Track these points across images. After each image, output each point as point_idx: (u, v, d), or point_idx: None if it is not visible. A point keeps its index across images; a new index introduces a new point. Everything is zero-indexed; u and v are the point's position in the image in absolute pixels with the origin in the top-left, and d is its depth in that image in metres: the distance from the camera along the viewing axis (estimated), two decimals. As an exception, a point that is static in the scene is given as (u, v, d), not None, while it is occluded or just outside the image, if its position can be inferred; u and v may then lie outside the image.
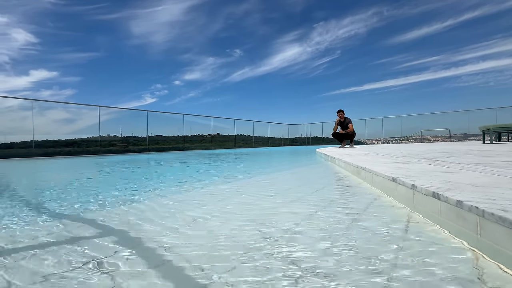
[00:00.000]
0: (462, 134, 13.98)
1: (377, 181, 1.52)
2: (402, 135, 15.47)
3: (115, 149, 10.02)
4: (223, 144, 14.65)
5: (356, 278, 0.56)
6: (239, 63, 34.46)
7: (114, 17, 27.63)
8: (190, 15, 29.47)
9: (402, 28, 28.55)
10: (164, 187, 1.95)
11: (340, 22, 30.18)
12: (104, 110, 9.52)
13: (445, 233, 0.78)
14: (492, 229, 0.61)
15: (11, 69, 28.53)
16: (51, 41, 28.89)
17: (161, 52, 33.41)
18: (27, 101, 7.74)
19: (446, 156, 2.51)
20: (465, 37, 27.94)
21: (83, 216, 1.14)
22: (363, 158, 2.67)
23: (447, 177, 1.16)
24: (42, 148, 8.20)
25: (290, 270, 0.60)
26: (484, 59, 26.05)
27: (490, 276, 0.54)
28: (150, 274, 0.60)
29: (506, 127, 5.74)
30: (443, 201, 0.81)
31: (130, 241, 0.82)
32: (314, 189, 1.65)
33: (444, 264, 0.60)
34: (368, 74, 34.96)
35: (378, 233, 0.82)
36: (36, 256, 0.72)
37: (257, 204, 1.30)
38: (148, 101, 34.99)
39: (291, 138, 19.83)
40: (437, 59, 27.93)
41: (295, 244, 0.76)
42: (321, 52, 31.54)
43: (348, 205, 1.20)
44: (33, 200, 1.57)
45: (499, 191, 0.84)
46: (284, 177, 2.48)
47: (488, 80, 27.59)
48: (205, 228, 0.94)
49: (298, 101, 37.24)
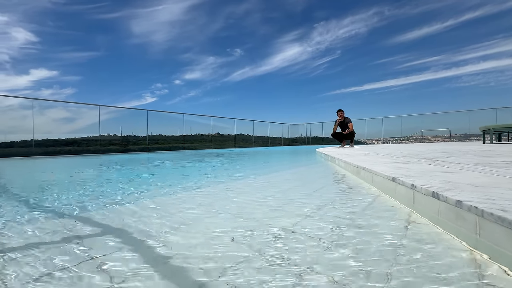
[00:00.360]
0: (463, 134, 13.98)
1: (377, 181, 1.52)
2: (403, 135, 15.48)
3: (115, 148, 10.03)
4: (223, 144, 14.66)
5: (354, 278, 0.56)
6: (239, 63, 34.48)
7: (115, 16, 27.67)
8: (191, 14, 29.49)
9: (403, 28, 28.53)
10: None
11: (341, 22, 30.19)
12: (104, 109, 9.53)
13: (444, 233, 0.78)
14: (491, 229, 0.61)
15: (11, 68, 28.57)
16: (51, 40, 28.94)
17: (161, 52, 33.43)
18: (27, 100, 7.76)
19: (446, 156, 2.51)
20: (466, 37, 27.93)
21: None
22: (363, 158, 2.67)
23: (447, 177, 1.16)
24: (42, 147, 8.20)
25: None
26: (485, 59, 26.06)
27: (489, 277, 0.54)
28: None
29: (507, 128, 5.74)
30: (443, 201, 0.81)
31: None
32: (313, 189, 1.65)
33: (442, 264, 0.60)
34: (369, 74, 34.97)
35: (376, 233, 0.82)
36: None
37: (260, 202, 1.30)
38: (148, 101, 35.01)
39: (291, 138, 19.84)
40: (438, 59, 27.94)
41: (291, 244, 0.76)
42: (321, 52, 31.55)
43: (347, 205, 1.20)
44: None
45: (499, 191, 0.84)
46: (283, 177, 2.48)
47: (489, 80, 27.60)
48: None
49: (298, 101, 37.25)
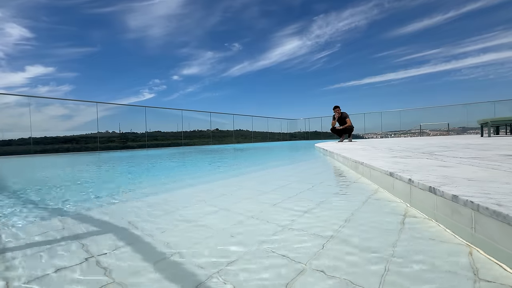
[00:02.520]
0: (461, 128, 14.00)
1: (375, 175, 1.53)
2: (401, 129, 15.48)
3: (114, 145, 10.01)
4: (222, 140, 14.63)
5: (352, 271, 0.56)
6: (238, 57, 34.19)
7: (110, 10, 27.27)
8: (187, 8, 29.10)
9: (403, 20, 28.22)
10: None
11: (340, 15, 29.87)
12: (102, 106, 9.47)
13: (441, 228, 0.79)
14: (486, 223, 0.62)
15: (6, 65, 28.26)
16: (47, 36, 28.55)
17: (158, 47, 33.08)
18: (24, 98, 7.69)
19: (444, 150, 2.52)
20: (467, 29, 27.66)
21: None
22: (361, 153, 2.67)
23: (444, 172, 1.17)
24: (41, 145, 8.17)
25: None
26: (485, 51, 25.95)
27: (484, 271, 0.55)
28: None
29: (504, 121, 5.75)
30: (439, 196, 0.82)
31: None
32: (311, 184, 1.66)
33: (438, 259, 0.61)
34: (368, 68, 34.78)
35: (373, 227, 0.83)
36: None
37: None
38: (146, 97, 34.81)
39: (290, 133, 19.83)
40: (437, 52, 27.77)
41: (288, 243, 0.77)
42: (320, 45, 31.30)
43: (345, 199, 1.21)
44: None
45: (495, 185, 0.85)
46: (283, 172, 2.48)
47: (488, 73, 27.55)
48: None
49: (297, 96, 37.13)
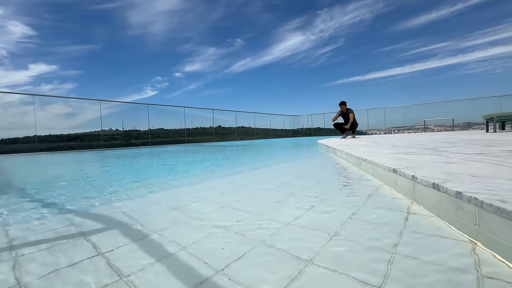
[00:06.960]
0: (466, 123, 13.84)
1: (378, 172, 1.52)
2: (405, 125, 15.35)
3: (117, 143, 10.08)
4: (224, 137, 14.66)
5: (356, 267, 0.57)
6: (240, 53, 33.95)
7: (111, 6, 27.16)
8: (189, 2, 28.86)
9: (409, 13, 27.50)
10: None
11: (345, 8, 29.33)
12: (105, 104, 9.52)
13: (444, 224, 0.79)
14: (490, 220, 0.62)
15: (9, 63, 28.42)
16: (49, 34, 28.59)
17: (160, 43, 32.97)
18: (28, 96, 7.76)
19: (448, 146, 2.49)
20: (474, 21, 26.95)
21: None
22: (365, 149, 2.66)
23: (448, 168, 1.16)
24: (46, 143, 8.27)
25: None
26: (493, 44, 25.37)
27: (488, 268, 0.55)
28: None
29: (510, 115, 5.66)
30: (443, 192, 0.81)
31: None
32: (315, 181, 1.66)
33: (441, 255, 0.61)
34: (373, 63, 34.26)
35: (377, 224, 0.83)
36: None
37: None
38: (149, 94, 34.86)
39: (293, 129, 19.78)
40: (444, 46, 27.18)
41: (284, 234, 0.77)
42: (324, 40, 30.86)
43: (349, 196, 1.21)
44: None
45: (499, 181, 0.84)
46: (286, 169, 2.49)
47: (496, 67, 27.01)
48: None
49: (300, 92, 36.87)
